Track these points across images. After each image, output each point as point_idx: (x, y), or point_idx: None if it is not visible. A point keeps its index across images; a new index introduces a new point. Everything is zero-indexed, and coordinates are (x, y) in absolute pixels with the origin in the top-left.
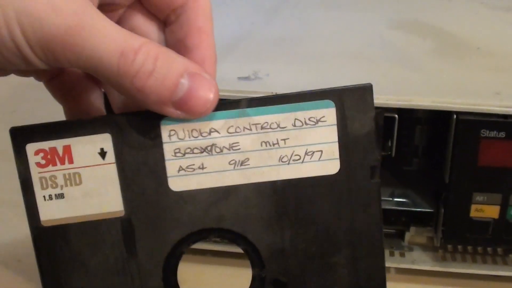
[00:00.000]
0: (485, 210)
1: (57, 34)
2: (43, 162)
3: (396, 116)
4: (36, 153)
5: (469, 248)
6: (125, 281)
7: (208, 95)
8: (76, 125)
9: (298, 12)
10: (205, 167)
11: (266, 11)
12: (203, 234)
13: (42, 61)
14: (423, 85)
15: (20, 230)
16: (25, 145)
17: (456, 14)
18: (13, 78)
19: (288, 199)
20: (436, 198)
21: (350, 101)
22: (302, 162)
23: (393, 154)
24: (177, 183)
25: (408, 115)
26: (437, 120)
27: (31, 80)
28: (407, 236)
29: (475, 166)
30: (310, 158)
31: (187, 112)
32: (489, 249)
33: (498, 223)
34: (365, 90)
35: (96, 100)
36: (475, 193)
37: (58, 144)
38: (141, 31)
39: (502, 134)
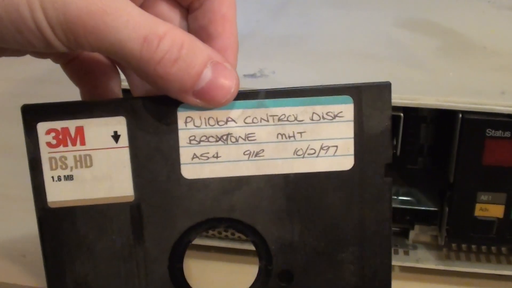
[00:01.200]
0: (490, 209)
1: (80, 17)
2: (54, 142)
3: (402, 114)
4: (47, 132)
5: (473, 247)
6: (130, 268)
7: (229, 86)
8: (91, 106)
9: (304, 10)
10: (220, 156)
11: (272, 9)
12: (212, 223)
13: (63, 43)
14: (428, 84)
15: (24, 225)
16: (36, 123)
17: (463, 13)
18: (17, 73)
19: (300, 193)
20: (441, 197)
21: (368, 98)
22: (317, 156)
23: (398, 153)
24: (190, 171)
25: (413, 113)
26: (443, 119)
27: (35, 76)
28: (412, 234)
29: (480, 165)
30: (325, 153)
31: (207, 101)
32: (493, 248)
33: (503, 223)
34: (384, 88)
35: (114, 84)
36: (480, 192)
37: (71, 124)
38: (164, 18)
39: (507, 134)
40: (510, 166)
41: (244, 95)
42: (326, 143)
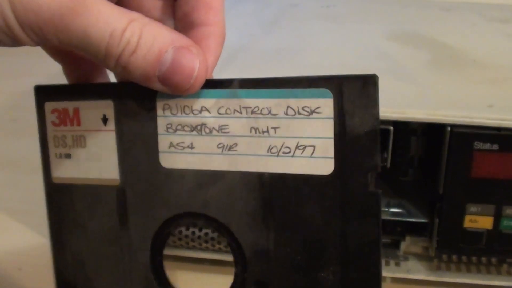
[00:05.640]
0: (479, 220)
1: (51, 17)
2: (57, 121)
3: (391, 128)
4: (52, 112)
5: (464, 258)
6: (116, 252)
7: (191, 69)
8: (85, 88)
9: (297, 24)
10: (194, 147)
11: (265, 23)
12: (190, 218)
13: (32, 40)
14: (418, 98)
15: (20, 238)
16: (44, 103)
17: (453, 25)
18: (13, 87)
19: (275, 196)
20: (432, 208)
21: (351, 92)
22: (292, 155)
23: (388, 165)
24: (167, 159)
25: (403, 126)
26: (432, 132)
27: (32, 88)
28: (403, 245)
29: (469, 177)
30: (301, 153)
31: (171, 87)
32: (483, 259)
33: (492, 234)
34: (368, 81)
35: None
36: (469, 204)
37: (70, 105)
38: (147, 6)
39: (495, 146)
40: (498, 178)
41: (218, 84)
42: (302, 142)
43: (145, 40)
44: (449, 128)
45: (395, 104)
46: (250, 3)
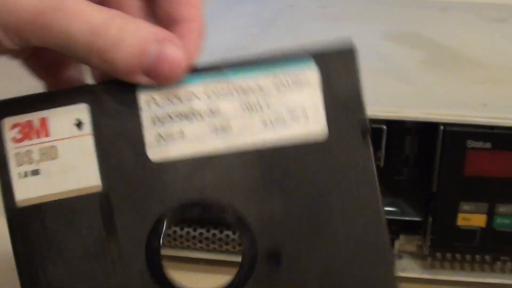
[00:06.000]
0: (472, 219)
1: (32, 17)
2: (19, 136)
3: (385, 127)
4: (13, 127)
5: (458, 255)
6: (105, 266)
7: (177, 59)
8: (53, 96)
9: (294, 24)
10: (185, 135)
11: (263, 23)
12: (186, 209)
13: (13, 42)
14: (412, 97)
15: None
16: (1, 119)
17: (450, 25)
18: (13, 86)
19: (274, 166)
20: (425, 207)
21: (333, 61)
22: (287, 126)
23: (382, 164)
24: (156, 152)
25: (398, 125)
26: (426, 131)
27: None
28: (397, 244)
29: (462, 176)
30: (295, 122)
31: (157, 79)
32: (477, 256)
33: (485, 232)
34: (347, 50)
35: (77, 74)
36: (462, 202)
37: (35, 116)
38: (125, 6)
39: (488, 145)
40: (491, 176)
41: (205, 69)
42: (295, 111)
43: (128, 34)
44: (442, 127)
45: (390, 103)
46: (249, 3)
